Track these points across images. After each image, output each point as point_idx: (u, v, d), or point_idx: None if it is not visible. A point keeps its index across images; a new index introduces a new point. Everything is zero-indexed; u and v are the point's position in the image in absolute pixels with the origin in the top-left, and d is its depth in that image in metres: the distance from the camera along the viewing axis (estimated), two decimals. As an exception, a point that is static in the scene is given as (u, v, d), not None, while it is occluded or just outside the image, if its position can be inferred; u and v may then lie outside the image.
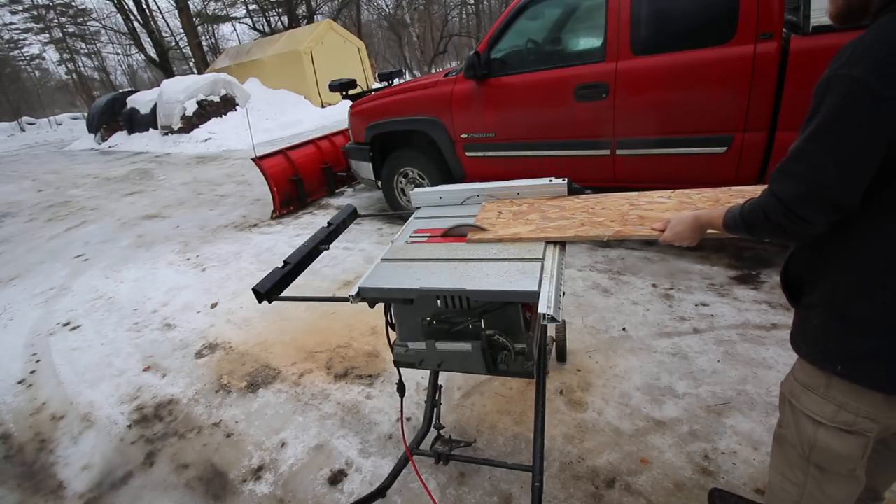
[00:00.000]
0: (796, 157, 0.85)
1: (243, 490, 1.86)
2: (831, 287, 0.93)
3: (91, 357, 2.95)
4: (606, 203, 1.55)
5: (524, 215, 1.58)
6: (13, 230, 6.31)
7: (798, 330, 1.05)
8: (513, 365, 1.30)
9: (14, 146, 20.09)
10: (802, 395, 1.03)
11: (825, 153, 0.81)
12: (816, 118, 0.82)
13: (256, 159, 5.07)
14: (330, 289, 3.36)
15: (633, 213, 1.44)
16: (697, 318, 2.50)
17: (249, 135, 8.49)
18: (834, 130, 0.79)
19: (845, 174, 0.80)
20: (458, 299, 1.28)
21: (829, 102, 0.79)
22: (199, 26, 22.82)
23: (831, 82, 0.80)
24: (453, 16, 29.70)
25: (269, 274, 1.44)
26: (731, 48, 2.61)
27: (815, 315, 0.97)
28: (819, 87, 0.83)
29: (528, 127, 3.40)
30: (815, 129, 0.81)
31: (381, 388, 2.30)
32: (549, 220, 1.50)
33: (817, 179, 0.82)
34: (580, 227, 1.40)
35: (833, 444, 1.00)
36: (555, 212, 1.56)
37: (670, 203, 1.47)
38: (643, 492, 1.62)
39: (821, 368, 0.98)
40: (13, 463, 2.20)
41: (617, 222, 1.39)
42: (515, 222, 1.54)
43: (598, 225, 1.40)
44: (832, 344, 0.94)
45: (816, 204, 0.83)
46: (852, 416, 0.96)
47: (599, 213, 1.49)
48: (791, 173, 0.86)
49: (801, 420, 1.05)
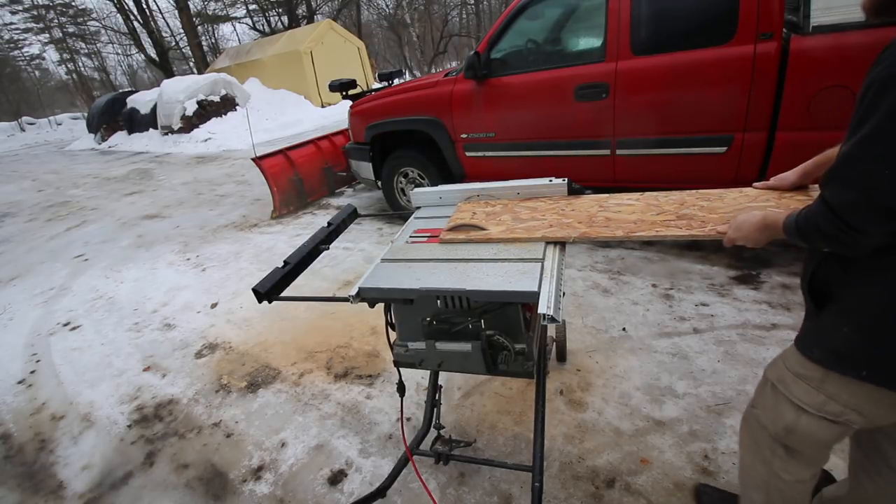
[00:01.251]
0: (849, 161, 0.81)
1: (243, 490, 1.86)
2: (872, 299, 0.90)
3: (91, 357, 2.95)
4: (577, 205, 1.59)
5: (497, 216, 1.62)
6: (13, 230, 6.31)
7: (813, 335, 1.02)
8: (513, 365, 1.30)
9: (14, 146, 20.09)
10: (793, 384, 1.04)
11: (881, 158, 0.77)
12: (871, 121, 0.77)
13: (256, 159, 5.07)
14: (330, 289, 3.36)
15: (601, 214, 1.48)
16: (697, 318, 2.50)
17: (249, 135, 8.48)
18: (887, 135, 0.76)
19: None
20: (458, 299, 1.28)
21: (879, 106, 0.76)
22: (199, 26, 22.83)
23: (882, 84, 0.76)
24: (453, 16, 29.72)
25: (269, 274, 1.44)
26: (731, 48, 2.61)
27: (845, 323, 0.94)
28: (867, 89, 0.79)
29: (528, 127, 3.40)
30: (870, 133, 0.77)
31: (381, 388, 2.30)
32: (520, 222, 1.54)
33: (872, 185, 0.78)
34: (548, 229, 1.44)
35: (814, 430, 1.02)
36: (526, 213, 1.60)
37: (637, 205, 1.50)
38: (643, 492, 1.62)
39: (840, 373, 0.96)
40: (13, 463, 2.20)
41: (584, 224, 1.43)
42: (488, 223, 1.57)
43: (565, 226, 1.44)
44: (861, 352, 0.92)
45: (870, 212, 0.79)
46: (840, 407, 0.97)
47: (569, 214, 1.53)
48: (843, 179, 0.82)
49: (783, 405, 1.06)
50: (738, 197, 1.39)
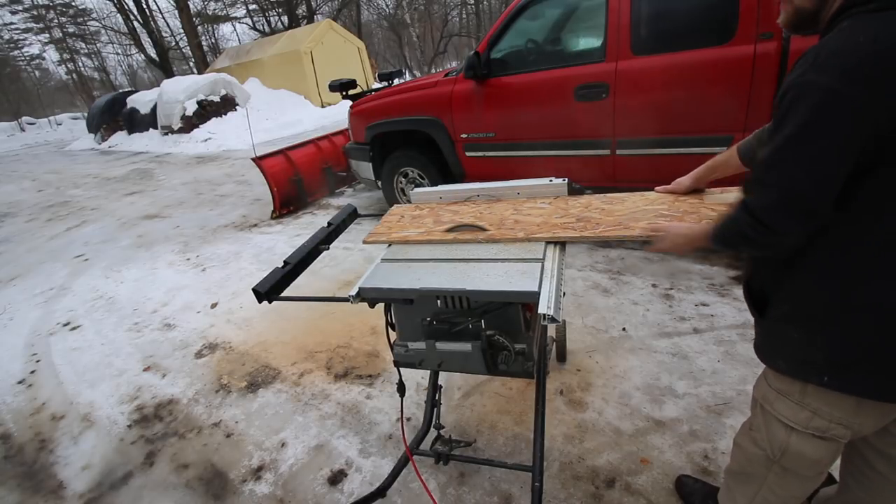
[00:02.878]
0: (767, 166, 0.84)
1: (243, 490, 1.86)
2: (809, 298, 0.91)
3: (91, 357, 2.95)
4: (494, 208, 1.66)
5: (420, 219, 1.68)
6: (13, 230, 6.31)
7: (768, 343, 1.03)
8: (513, 365, 1.30)
9: (14, 146, 20.09)
10: (776, 401, 1.02)
11: (796, 161, 0.80)
12: (786, 127, 0.81)
13: (256, 159, 5.07)
14: (330, 289, 3.36)
15: (512, 217, 1.55)
16: (697, 318, 2.50)
17: (249, 135, 8.48)
18: (804, 139, 0.79)
19: (817, 181, 0.80)
20: (458, 299, 1.28)
21: (797, 111, 0.79)
22: (199, 26, 22.83)
23: (798, 90, 0.79)
24: (453, 16, 29.71)
25: (269, 274, 1.44)
26: (731, 48, 2.61)
27: (794, 328, 0.95)
28: (784, 95, 0.82)
29: (528, 127, 3.39)
30: (786, 138, 0.81)
31: (381, 388, 2.30)
32: (440, 224, 1.60)
33: (790, 187, 0.81)
34: (460, 233, 1.52)
35: (805, 449, 1.00)
36: (447, 216, 1.66)
37: (548, 209, 1.57)
38: (643, 492, 1.62)
39: (802, 380, 0.96)
40: (13, 463, 2.20)
41: (494, 226, 1.49)
42: (410, 226, 1.64)
43: (475, 229, 1.51)
44: (817, 356, 0.92)
45: (790, 213, 0.83)
46: (826, 422, 0.95)
47: (485, 216, 1.59)
48: (763, 182, 0.85)
49: (774, 425, 1.04)
50: (638, 200, 1.49)
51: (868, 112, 0.74)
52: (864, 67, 0.73)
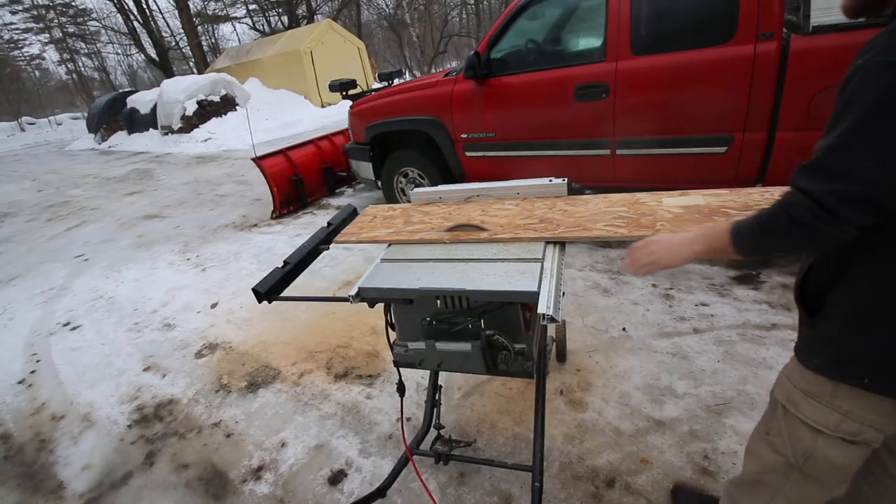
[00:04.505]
0: (831, 151, 0.76)
1: (243, 490, 1.86)
2: (857, 298, 0.86)
3: (91, 357, 2.95)
4: (463, 209, 1.71)
5: (392, 219, 1.73)
6: (13, 230, 6.31)
7: (807, 342, 0.97)
8: (513, 365, 1.30)
9: (14, 146, 20.09)
10: (803, 403, 0.96)
11: (867, 146, 0.72)
12: (853, 110, 0.73)
13: (256, 159, 5.07)
14: (330, 289, 3.36)
15: (479, 218, 1.58)
16: (697, 318, 2.50)
17: (249, 135, 8.48)
18: (877, 121, 0.71)
19: (890, 167, 0.72)
20: (458, 299, 1.28)
21: (867, 92, 0.72)
22: (199, 26, 22.82)
23: (869, 72, 0.72)
24: (453, 16, 29.72)
25: (269, 274, 1.44)
26: (731, 48, 2.61)
27: (834, 327, 0.89)
28: (852, 79, 0.75)
29: (529, 127, 3.39)
30: (855, 122, 0.73)
31: (381, 388, 2.30)
32: (409, 225, 1.64)
33: (858, 175, 0.73)
34: (427, 232, 1.56)
35: (833, 454, 0.94)
36: (418, 217, 1.71)
37: (514, 210, 1.61)
38: (643, 492, 1.62)
39: (836, 381, 0.90)
40: (13, 463, 2.20)
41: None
42: (381, 226, 1.68)
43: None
44: (857, 356, 0.87)
45: (856, 202, 0.74)
46: (857, 424, 0.89)
47: (455, 218, 1.62)
48: (824, 169, 0.77)
49: (799, 429, 0.97)
50: (600, 202, 1.55)
51: None
52: None
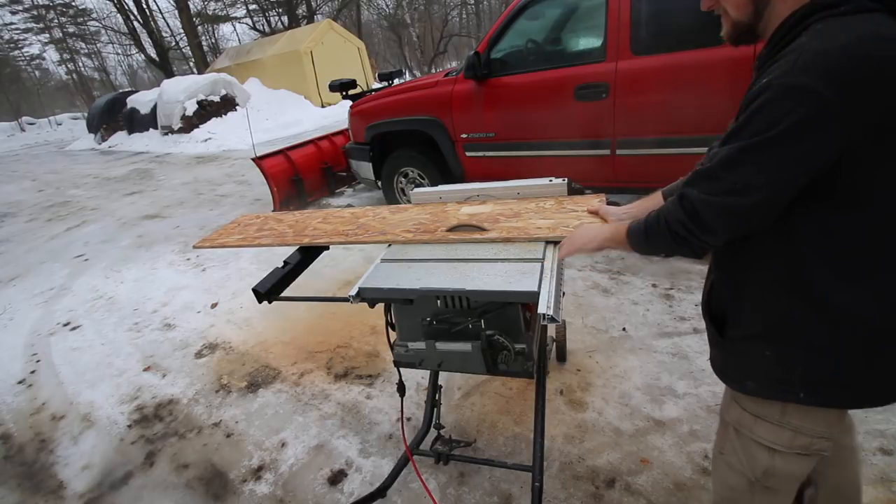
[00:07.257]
0: (725, 164, 0.78)
1: (243, 490, 1.86)
2: (776, 314, 0.86)
3: (91, 357, 2.95)
4: (307, 218, 1.87)
5: (248, 227, 1.87)
6: (13, 230, 6.31)
7: (734, 365, 0.97)
8: (513, 365, 1.30)
9: (14, 146, 20.08)
10: (754, 426, 0.95)
11: (759, 166, 0.75)
12: (752, 128, 0.75)
13: (256, 159, 5.07)
14: (330, 289, 3.36)
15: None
16: (697, 317, 2.50)
17: (249, 135, 8.47)
18: (774, 143, 0.72)
19: (777, 190, 0.75)
20: (458, 299, 1.28)
21: (771, 112, 0.73)
22: (199, 26, 22.84)
23: (775, 90, 0.72)
24: (453, 16, 29.75)
25: (269, 274, 1.44)
26: (730, 48, 2.60)
27: (763, 346, 0.89)
28: (756, 94, 0.75)
29: (529, 127, 3.39)
30: (752, 141, 0.74)
31: (381, 388, 2.30)
32: (259, 232, 1.76)
33: (745, 191, 0.76)
34: (269, 238, 1.68)
35: (793, 468, 0.96)
36: (270, 224, 1.85)
37: (347, 217, 1.76)
38: (643, 492, 1.62)
39: (780, 400, 0.90)
40: (13, 463, 2.20)
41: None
42: (236, 232, 1.83)
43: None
44: (792, 373, 0.86)
45: (733, 218, 0.79)
46: (808, 438, 0.90)
47: (297, 227, 1.76)
48: (716, 179, 0.80)
49: (753, 449, 0.97)
50: (414, 210, 1.70)
51: (849, 117, 0.69)
52: (846, 69, 0.68)
